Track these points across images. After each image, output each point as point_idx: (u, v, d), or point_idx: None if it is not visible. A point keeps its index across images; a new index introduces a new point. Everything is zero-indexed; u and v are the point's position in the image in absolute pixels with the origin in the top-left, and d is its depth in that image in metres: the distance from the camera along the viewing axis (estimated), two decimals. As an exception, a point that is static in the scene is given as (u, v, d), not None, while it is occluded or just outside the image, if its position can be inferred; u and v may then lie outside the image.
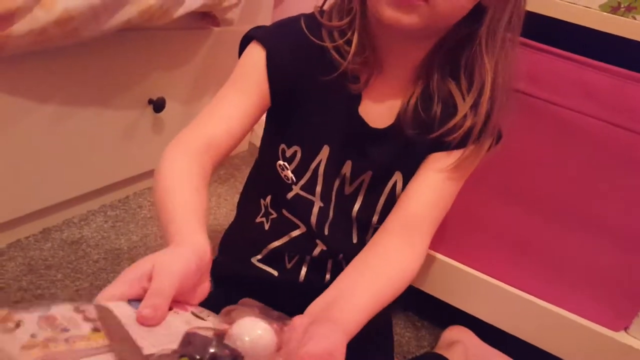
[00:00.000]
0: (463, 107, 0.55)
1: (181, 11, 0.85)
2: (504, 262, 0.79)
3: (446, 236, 0.79)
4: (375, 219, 0.63)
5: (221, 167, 1.24)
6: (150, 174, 1.07)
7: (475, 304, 0.80)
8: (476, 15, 0.52)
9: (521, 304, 0.77)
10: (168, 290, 0.34)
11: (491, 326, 0.79)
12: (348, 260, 0.62)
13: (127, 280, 0.35)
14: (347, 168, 0.60)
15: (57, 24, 0.68)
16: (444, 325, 0.86)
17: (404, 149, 0.59)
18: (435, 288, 0.82)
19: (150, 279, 0.35)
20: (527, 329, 0.78)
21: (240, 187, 0.76)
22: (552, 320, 0.76)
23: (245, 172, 1.03)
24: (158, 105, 0.96)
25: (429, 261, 0.81)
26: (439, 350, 0.79)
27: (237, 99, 0.56)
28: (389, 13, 0.49)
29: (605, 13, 0.65)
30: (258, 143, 0.70)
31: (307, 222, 0.62)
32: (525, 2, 0.54)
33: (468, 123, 0.55)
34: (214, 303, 0.54)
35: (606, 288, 0.74)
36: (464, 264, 0.80)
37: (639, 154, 0.66)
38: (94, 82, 0.85)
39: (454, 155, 0.57)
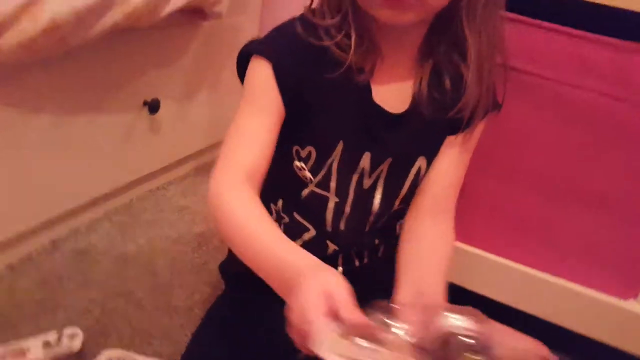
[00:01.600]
0: (470, 79, 0.56)
1: (168, 9, 0.84)
2: (509, 239, 0.80)
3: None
4: (396, 205, 0.63)
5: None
6: (150, 176, 1.07)
7: (483, 282, 0.81)
8: None
9: (529, 279, 0.78)
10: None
11: (497, 305, 0.80)
12: (360, 252, 0.63)
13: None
14: (365, 161, 0.60)
15: (44, 34, 0.67)
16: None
17: (423, 133, 0.60)
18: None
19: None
20: (536, 304, 0.79)
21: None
22: (562, 293, 0.77)
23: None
24: (153, 106, 0.96)
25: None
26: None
27: (259, 121, 0.56)
28: (384, 13, 0.50)
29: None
30: None
31: (321, 220, 0.62)
32: None
33: (474, 96, 0.56)
34: (228, 310, 0.55)
35: (613, 258, 0.74)
36: (469, 244, 0.81)
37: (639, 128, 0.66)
38: (87, 89, 0.84)
39: (467, 136, 0.61)
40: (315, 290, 0.40)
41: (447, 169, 0.62)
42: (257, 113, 0.56)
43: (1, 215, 0.77)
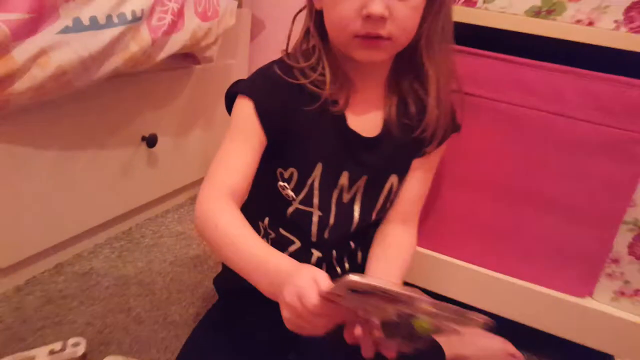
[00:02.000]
0: (430, 104, 0.66)
1: (162, 55, 0.95)
2: (473, 246, 0.87)
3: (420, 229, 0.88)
4: (373, 217, 0.72)
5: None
6: (149, 205, 1.16)
7: (450, 286, 0.88)
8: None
9: (492, 282, 0.85)
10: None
11: (467, 307, 0.86)
12: (340, 258, 0.70)
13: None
14: (344, 179, 0.68)
15: (52, 79, 0.77)
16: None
17: (394, 154, 0.69)
18: (414, 278, 0.90)
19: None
20: (500, 305, 0.85)
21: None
22: (524, 294, 0.84)
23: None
24: (151, 141, 1.05)
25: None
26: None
27: (242, 148, 0.63)
28: (361, 53, 0.60)
29: (530, 17, 0.75)
30: None
31: (307, 232, 0.69)
32: (451, 15, 0.64)
33: (434, 117, 0.66)
34: (222, 314, 0.62)
35: (568, 259, 0.81)
36: (438, 252, 0.88)
37: (576, 137, 0.75)
38: (91, 126, 0.94)
39: (431, 157, 0.72)
40: (307, 277, 0.46)
41: (414, 185, 0.73)
42: (240, 142, 0.63)
43: (9, 241, 0.85)
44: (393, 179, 0.70)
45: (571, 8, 0.72)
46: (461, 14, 0.77)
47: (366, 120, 0.68)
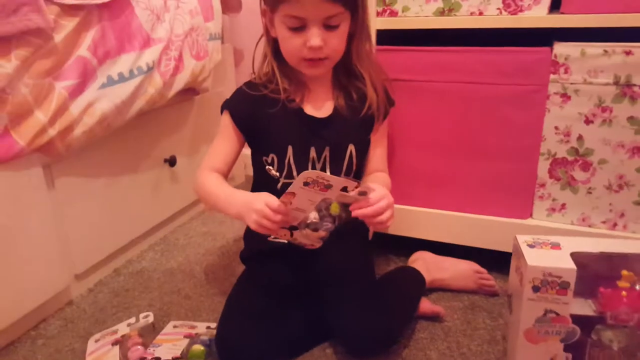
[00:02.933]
0: (368, 91, 0.93)
1: (172, 92, 1.21)
2: (431, 193, 1.11)
3: (393, 190, 1.12)
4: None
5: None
6: (176, 215, 1.42)
7: (422, 230, 1.12)
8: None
9: (452, 219, 1.09)
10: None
11: (437, 244, 1.11)
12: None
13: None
14: (312, 153, 0.93)
15: (98, 124, 1.02)
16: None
17: (348, 130, 0.94)
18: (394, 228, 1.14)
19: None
20: (460, 236, 1.09)
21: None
22: (478, 224, 1.07)
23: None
24: (172, 162, 1.32)
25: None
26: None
27: (222, 144, 0.96)
28: (308, 70, 0.89)
29: (437, 17, 1.00)
30: (251, 174, 1.02)
31: None
32: (369, 30, 0.93)
33: (373, 99, 0.93)
34: (250, 274, 0.90)
35: (507, 191, 1.05)
36: (406, 204, 1.12)
37: (490, 96, 1.00)
38: (125, 156, 1.19)
39: (381, 128, 0.98)
40: (264, 196, 0.79)
41: (376, 149, 0.99)
42: (222, 140, 0.95)
43: (80, 251, 1.10)
44: (351, 147, 0.95)
45: (465, 4, 0.98)
46: (388, 22, 1.03)
47: (320, 108, 0.94)
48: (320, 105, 0.94)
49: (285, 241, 0.86)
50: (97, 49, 0.99)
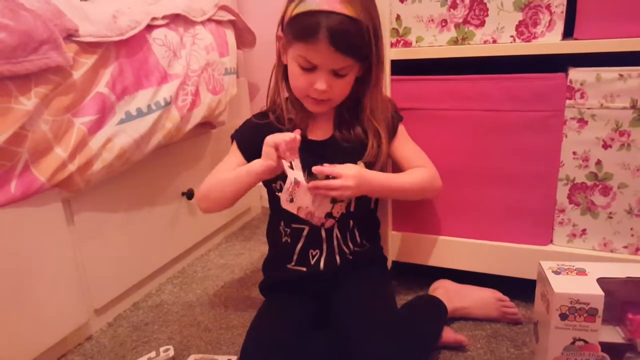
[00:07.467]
0: (370, 143, 0.94)
1: (189, 126, 1.24)
2: (450, 221, 1.10)
3: (412, 218, 1.12)
4: None
5: (245, 228, 1.59)
6: (194, 247, 1.42)
7: (442, 258, 1.11)
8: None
9: (471, 247, 1.08)
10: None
11: (460, 272, 1.09)
12: (343, 234, 0.96)
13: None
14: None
15: (117, 158, 1.04)
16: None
17: (344, 150, 0.94)
18: (413, 257, 1.13)
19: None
20: (480, 264, 1.08)
21: (262, 239, 1.11)
22: (498, 251, 1.06)
23: (262, 228, 1.34)
24: (189, 195, 1.33)
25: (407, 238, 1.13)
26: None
27: (228, 162, 0.98)
28: (312, 107, 0.92)
29: (451, 46, 1.02)
30: (267, 205, 1.04)
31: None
32: (382, 79, 0.95)
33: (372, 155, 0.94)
34: (269, 304, 0.90)
35: (526, 217, 1.04)
36: (425, 233, 1.12)
37: (506, 123, 1.00)
38: (143, 190, 1.21)
39: (399, 136, 0.99)
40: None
41: (402, 151, 0.99)
42: (228, 160, 0.98)
43: (99, 287, 1.11)
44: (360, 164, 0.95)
45: (478, 33, 0.99)
46: (402, 53, 1.05)
47: (321, 133, 0.96)
48: (321, 131, 0.97)
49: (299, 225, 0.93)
50: (115, 85, 1.02)
